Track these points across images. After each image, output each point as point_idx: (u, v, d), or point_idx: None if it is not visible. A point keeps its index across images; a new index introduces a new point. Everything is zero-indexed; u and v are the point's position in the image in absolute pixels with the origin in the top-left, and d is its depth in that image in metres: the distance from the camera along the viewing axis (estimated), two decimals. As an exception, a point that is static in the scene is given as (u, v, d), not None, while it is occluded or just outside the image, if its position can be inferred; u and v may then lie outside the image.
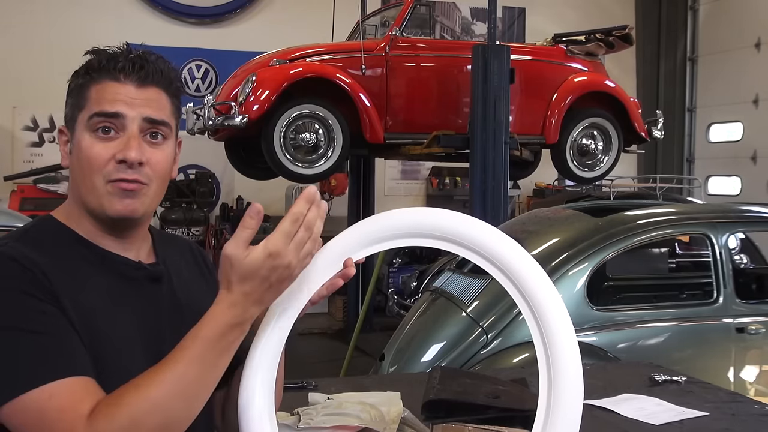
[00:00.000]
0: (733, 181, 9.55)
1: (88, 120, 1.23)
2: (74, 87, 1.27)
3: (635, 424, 2.09)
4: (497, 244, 1.28)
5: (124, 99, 1.23)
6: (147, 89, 1.25)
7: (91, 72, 1.25)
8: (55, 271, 1.18)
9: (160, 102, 1.27)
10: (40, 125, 8.20)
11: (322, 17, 6.52)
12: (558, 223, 4.16)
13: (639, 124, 6.73)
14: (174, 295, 1.33)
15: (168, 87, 1.29)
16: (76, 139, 1.25)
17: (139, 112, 1.24)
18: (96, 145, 1.23)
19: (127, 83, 1.24)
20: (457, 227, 1.29)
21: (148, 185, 1.25)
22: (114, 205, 1.24)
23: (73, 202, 1.29)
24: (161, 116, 1.26)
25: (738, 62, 9.43)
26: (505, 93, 5.58)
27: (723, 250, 3.81)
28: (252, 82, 5.50)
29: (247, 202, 8.58)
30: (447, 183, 9.33)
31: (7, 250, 1.18)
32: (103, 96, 1.23)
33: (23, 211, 6.13)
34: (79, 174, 1.25)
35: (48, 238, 1.25)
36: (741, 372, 3.72)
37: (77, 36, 8.02)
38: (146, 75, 1.25)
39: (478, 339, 3.52)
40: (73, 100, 1.27)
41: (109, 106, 1.23)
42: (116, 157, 1.22)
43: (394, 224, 1.31)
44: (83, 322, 1.17)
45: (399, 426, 1.86)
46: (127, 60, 1.25)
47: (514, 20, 9.76)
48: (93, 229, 1.28)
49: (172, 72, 1.30)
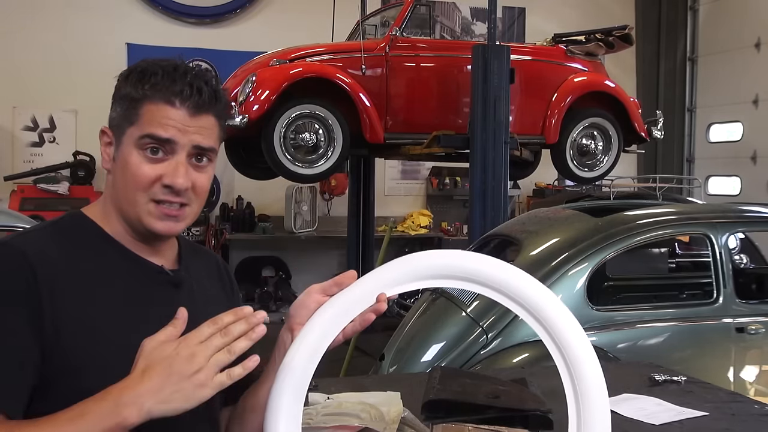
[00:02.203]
0: (733, 181, 9.55)
1: (138, 138, 1.24)
2: (125, 95, 1.26)
3: (635, 424, 2.09)
4: (533, 293, 1.27)
5: (178, 126, 1.24)
6: (200, 118, 1.26)
7: (145, 87, 1.24)
8: (64, 269, 1.20)
9: (211, 129, 1.28)
10: (40, 125, 8.18)
11: (322, 17, 6.52)
12: (558, 223, 4.16)
13: (639, 124, 6.73)
14: (192, 302, 1.32)
15: (220, 113, 1.29)
16: (123, 151, 1.26)
17: (190, 140, 1.25)
18: (144, 165, 1.24)
19: (182, 109, 1.24)
20: (491, 273, 1.28)
21: (190, 206, 1.28)
22: (154, 225, 1.26)
23: (109, 202, 1.31)
24: (210, 143, 1.28)
25: (738, 62, 9.43)
26: (505, 93, 5.58)
27: (723, 250, 3.81)
28: (252, 82, 5.50)
29: (247, 202, 8.58)
30: (447, 183, 9.32)
31: (18, 242, 1.21)
32: (156, 118, 1.23)
33: (23, 211, 6.12)
34: (122, 186, 1.27)
35: (75, 233, 1.28)
36: (741, 372, 3.72)
37: (77, 36, 8.03)
38: (203, 103, 1.25)
39: (478, 339, 3.52)
40: (123, 110, 1.26)
41: (162, 131, 1.23)
42: (163, 181, 1.24)
43: (431, 264, 1.31)
44: (78, 324, 1.17)
45: (399, 426, 1.86)
46: (185, 83, 1.24)
47: (514, 20, 9.75)
48: (123, 232, 1.30)
49: (224, 96, 1.30)
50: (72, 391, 1.13)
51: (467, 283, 1.28)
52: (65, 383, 1.15)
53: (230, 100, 5.69)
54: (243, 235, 8.37)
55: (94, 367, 1.16)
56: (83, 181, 7.66)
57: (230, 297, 1.47)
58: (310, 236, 8.52)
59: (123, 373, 1.13)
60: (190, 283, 1.36)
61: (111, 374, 1.13)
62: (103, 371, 1.15)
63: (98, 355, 1.18)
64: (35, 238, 1.24)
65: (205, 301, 1.37)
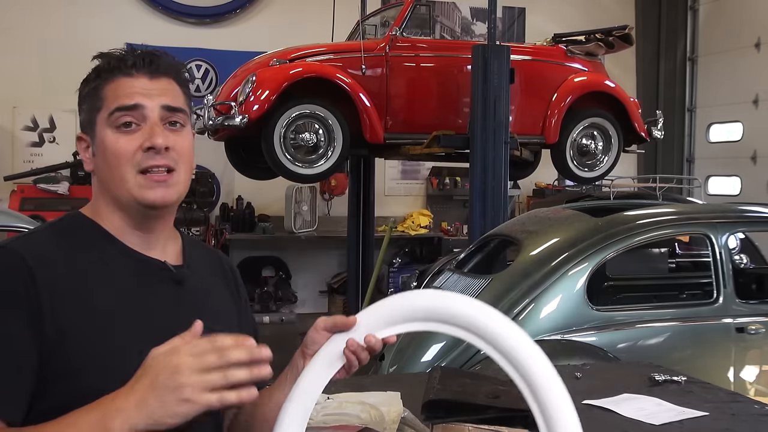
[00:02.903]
0: (733, 181, 9.54)
1: (108, 117, 1.27)
2: (87, 92, 1.31)
3: (635, 424, 2.09)
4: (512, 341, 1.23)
5: (140, 91, 1.27)
6: (159, 80, 1.30)
7: (101, 74, 1.29)
8: (65, 270, 1.20)
9: (174, 91, 1.31)
10: (40, 125, 8.18)
11: (322, 17, 6.52)
12: (558, 223, 4.16)
13: (639, 124, 6.73)
14: (195, 300, 1.33)
15: (178, 77, 1.33)
16: (99, 138, 1.29)
17: (157, 102, 1.28)
18: (121, 139, 1.26)
19: (140, 76, 1.28)
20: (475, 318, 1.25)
21: (177, 171, 1.29)
22: (147, 196, 1.27)
23: (101, 200, 1.33)
24: (178, 103, 1.31)
25: (738, 62, 9.43)
26: (505, 93, 5.58)
27: (723, 250, 3.81)
28: (252, 82, 5.50)
29: (247, 202, 8.58)
30: (447, 183, 9.32)
31: (17, 245, 1.21)
32: (119, 92, 1.27)
33: (23, 211, 6.12)
34: (107, 171, 1.29)
35: (75, 233, 1.29)
36: (741, 372, 3.72)
37: (77, 36, 8.02)
38: (157, 67, 1.30)
39: (478, 339, 3.51)
40: (88, 105, 1.30)
41: (127, 100, 1.26)
42: (143, 146, 1.25)
43: (428, 307, 1.27)
44: (80, 324, 1.17)
45: (399, 426, 1.86)
46: (136, 56, 1.29)
47: (514, 20, 9.75)
48: (121, 225, 1.30)
49: (179, 63, 1.36)
50: (72, 391, 1.13)
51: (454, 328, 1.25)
52: (66, 384, 1.15)
53: (230, 99, 5.69)
54: (243, 235, 8.36)
55: (95, 368, 1.16)
56: (83, 181, 7.65)
57: (234, 296, 1.46)
58: (310, 236, 8.51)
59: (123, 374, 1.12)
60: (194, 280, 1.35)
61: (111, 375, 1.12)
62: (104, 372, 1.15)
63: (98, 356, 1.17)
64: (34, 241, 1.24)
65: (209, 300, 1.37)
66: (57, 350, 1.15)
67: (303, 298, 8.83)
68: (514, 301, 3.57)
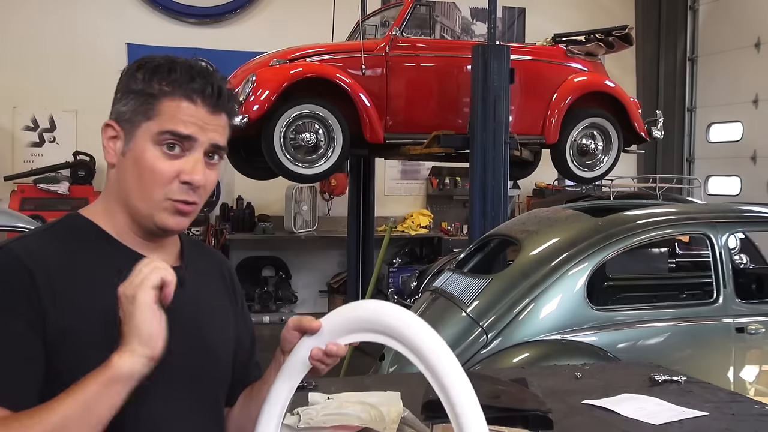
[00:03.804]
0: (732, 181, 9.54)
1: (157, 134, 1.24)
2: (139, 90, 1.25)
3: (635, 424, 2.09)
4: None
5: (198, 123, 1.25)
6: (219, 116, 1.28)
7: (163, 83, 1.24)
8: (63, 271, 1.20)
9: (225, 129, 1.30)
10: (40, 125, 8.18)
11: (322, 17, 6.52)
12: (558, 223, 4.16)
13: (639, 124, 6.73)
14: (194, 301, 1.34)
15: (232, 113, 1.31)
16: (138, 146, 1.25)
17: (209, 138, 1.26)
18: (162, 161, 1.24)
19: (202, 107, 1.25)
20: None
21: (199, 204, 1.29)
22: (166, 221, 1.26)
23: (112, 198, 1.30)
24: (224, 142, 1.29)
25: (738, 62, 9.43)
26: (505, 93, 5.58)
27: (723, 250, 3.81)
28: (252, 82, 5.50)
29: (247, 202, 8.58)
30: (447, 183, 9.33)
31: (16, 246, 1.21)
32: (177, 115, 1.24)
33: (23, 211, 6.12)
34: (135, 181, 1.26)
35: (73, 234, 1.28)
36: (741, 372, 3.72)
37: (77, 36, 8.04)
38: (221, 102, 1.27)
39: (478, 339, 3.52)
40: (134, 103, 1.26)
41: (183, 128, 1.23)
42: (181, 178, 1.24)
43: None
44: (82, 323, 1.18)
45: (399, 426, 1.86)
46: (205, 82, 1.25)
47: (514, 20, 9.75)
48: (124, 227, 1.30)
49: (235, 97, 1.33)
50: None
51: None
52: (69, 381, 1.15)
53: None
54: (243, 235, 8.37)
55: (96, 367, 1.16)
56: (83, 181, 7.66)
57: (231, 297, 1.47)
58: (310, 236, 8.52)
59: None
60: (192, 281, 1.35)
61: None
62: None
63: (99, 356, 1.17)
64: (32, 242, 1.24)
65: (206, 301, 1.38)
66: (59, 350, 1.16)
67: (303, 298, 8.83)
68: (514, 301, 3.57)
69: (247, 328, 1.49)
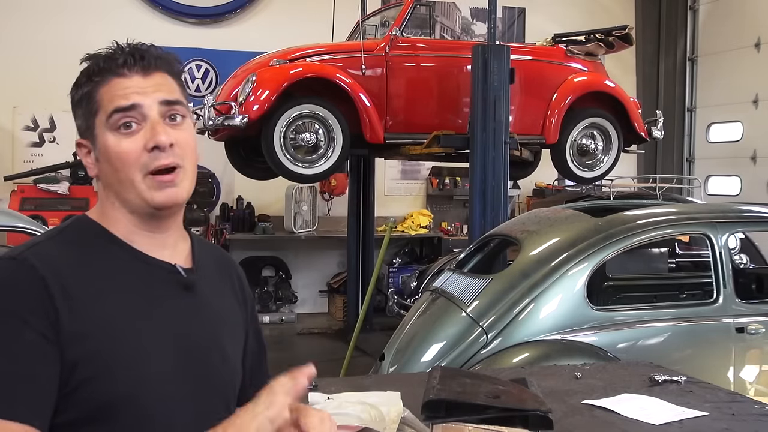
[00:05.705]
0: (732, 181, 9.54)
1: (107, 120, 1.25)
2: (80, 97, 1.28)
3: (635, 424, 2.09)
4: None
5: (136, 89, 1.26)
6: (153, 75, 1.28)
7: (93, 77, 1.27)
8: (77, 276, 1.19)
9: (168, 84, 1.30)
10: (40, 125, 8.19)
11: (322, 17, 6.52)
12: (558, 223, 4.16)
13: (639, 124, 6.73)
14: (203, 304, 1.33)
15: (170, 69, 1.32)
16: (101, 143, 1.26)
17: (154, 98, 1.26)
18: (123, 142, 1.25)
19: (133, 75, 1.27)
20: None
21: (183, 167, 1.28)
22: (157, 198, 1.26)
23: (108, 203, 1.30)
24: (174, 96, 1.29)
25: (738, 62, 9.43)
26: (505, 93, 5.59)
27: (723, 250, 3.81)
28: (252, 82, 5.50)
29: (247, 202, 8.58)
30: (447, 183, 9.33)
31: (29, 255, 1.19)
32: (114, 93, 1.25)
33: (23, 211, 6.12)
34: (113, 175, 1.27)
35: (83, 239, 1.27)
36: (741, 372, 3.72)
37: (77, 36, 8.00)
38: (149, 63, 1.28)
39: (478, 339, 3.52)
40: (83, 110, 1.28)
41: (124, 101, 1.25)
42: (147, 146, 1.24)
43: None
44: (99, 328, 1.18)
45: (399, 426, 1.86)
46: (126, 54, 1.27)
47: (514, 20, 9.75)
48: (129, 227, 1.29)
49: (169, 55, 1.33)
50: (94, 397, 1.14)
51: None
52: (87, 391, 1.15)
53: (230, 99, 5.69)
54: (243, 235, 8.37)
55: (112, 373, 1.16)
56: (83, 181, 7.65)
57: (240, 299, 1.45)
58: (310, 236, 8.52)
59: (139, 377, 1.16)
60: (203, 284, 1.34)
61: (128, 379, 1.15)
62: (121, 376, 1.16)
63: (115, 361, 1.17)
64: (44, 249, 1.22)
65: (217, 304, 1.37)
66: (76, 358, 1.15)
67: (303, 298, 8.83)
68: (514, 301, 3.57)
69: (255, 330, 1.48)
